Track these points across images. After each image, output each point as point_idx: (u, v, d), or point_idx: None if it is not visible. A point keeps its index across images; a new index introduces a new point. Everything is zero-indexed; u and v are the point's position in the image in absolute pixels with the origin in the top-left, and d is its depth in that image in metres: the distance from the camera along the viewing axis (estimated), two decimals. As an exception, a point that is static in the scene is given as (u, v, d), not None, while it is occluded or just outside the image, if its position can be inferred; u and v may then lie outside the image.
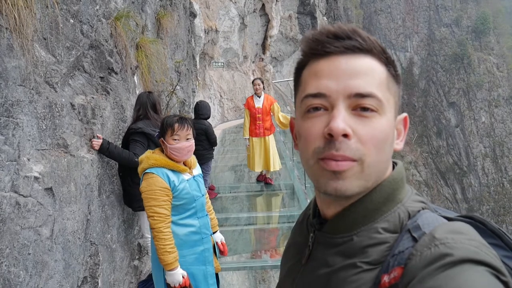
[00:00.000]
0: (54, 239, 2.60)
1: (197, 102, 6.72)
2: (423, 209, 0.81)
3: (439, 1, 64.97)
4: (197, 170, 3.30)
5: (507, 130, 56.35)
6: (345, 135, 0.74)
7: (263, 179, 7.97)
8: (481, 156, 55.81)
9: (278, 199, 8.08)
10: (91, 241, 3.18)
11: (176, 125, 3.02)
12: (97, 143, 3.37)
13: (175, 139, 3.02)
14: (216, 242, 3.44)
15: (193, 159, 3.28)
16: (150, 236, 4.40)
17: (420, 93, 60.73)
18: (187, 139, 3.08)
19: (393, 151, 0.84)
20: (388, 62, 0.82)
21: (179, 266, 2.96)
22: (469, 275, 0.60)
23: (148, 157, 3.06)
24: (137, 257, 4.34)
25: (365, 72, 0.77)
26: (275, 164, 7.57)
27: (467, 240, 0.66)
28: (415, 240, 0.72)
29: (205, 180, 6.86)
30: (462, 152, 57.17)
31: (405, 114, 0.88)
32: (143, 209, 3.94)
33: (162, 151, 3.13)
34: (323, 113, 0.79)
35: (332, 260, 0.81)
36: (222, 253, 3.46)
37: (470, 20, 63.16)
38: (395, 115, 0.83)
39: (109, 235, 3.54)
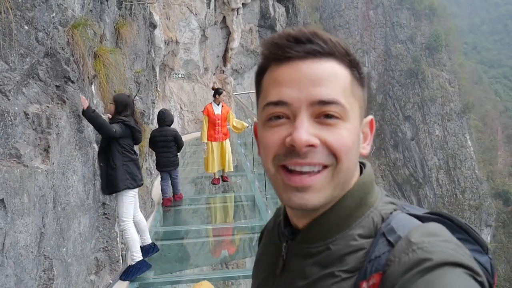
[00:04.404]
0: (5, 253, 2.49)
1: (161, 110, 7.20)
2: (394, 210, 0.80)
3: (394, 18, 67.36)
4: None
5: (459, 143, 58.71)
6: (311, 145, 0.72)
7: (218, 182, 8.78)
8: (435, 168, 57.81)
9: (239, 210, 8.11)
10: (45, 255, 3.06)
11: None
12: (84, 100, 3.79)
13: None
14: None
15: None
16: (126, 219, 4.54)
17: (378, 107, 62.50)
18: None
19: (360, 156, 0.82)
20: (352, 65, 0.79)
21: None
22: (448, 279, 0.60)
23: None
24: (94, 271, 4.20)
25: (328, 78, 0.75)
26: (230, 165, 8.57)
27: (443, 242, 0.66)
28: (390, 244, 0.72)
29: (175, 185, 7.34)
30: (418, 164, 59.03)
31: (371, 117, 0.86)
32: (125, 189, 4.35)
33: None
34: (285, 122, 0.76)
35: (309, 271, 0.79)
36: None
37: (424, 37, 65.77)
38: (360, 119, 0.81)
39: (64, 249, 3.41)
